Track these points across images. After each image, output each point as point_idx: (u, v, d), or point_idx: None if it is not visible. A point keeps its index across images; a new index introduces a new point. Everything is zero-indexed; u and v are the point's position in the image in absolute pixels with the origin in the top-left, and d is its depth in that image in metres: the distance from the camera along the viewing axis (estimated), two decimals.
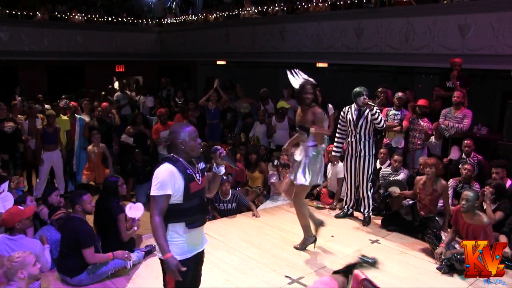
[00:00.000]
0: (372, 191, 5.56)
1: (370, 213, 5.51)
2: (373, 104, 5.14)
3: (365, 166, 5.33)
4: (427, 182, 5.01)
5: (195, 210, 2.82)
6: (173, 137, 2.80)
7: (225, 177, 5.94)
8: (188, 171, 2.76)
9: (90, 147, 7.35)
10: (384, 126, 5.33)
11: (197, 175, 2.82)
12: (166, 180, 2.66)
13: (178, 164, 2.73)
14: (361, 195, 5.48)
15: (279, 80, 11.47)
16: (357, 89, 5.30)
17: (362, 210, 5.55)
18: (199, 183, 2.82)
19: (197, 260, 2.96)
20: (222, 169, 3.00)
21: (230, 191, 5.93)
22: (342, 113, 5.42)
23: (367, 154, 5.30)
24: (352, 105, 5.35)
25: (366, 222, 5.44)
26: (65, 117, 7.60)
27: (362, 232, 5.25)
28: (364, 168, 5.34)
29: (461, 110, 5.99)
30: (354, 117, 5.28)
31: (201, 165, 2.91)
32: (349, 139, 5.41)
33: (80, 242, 3.88)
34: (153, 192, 2.67)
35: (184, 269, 2.63)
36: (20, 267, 2.88)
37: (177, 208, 2.73)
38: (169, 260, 2.61)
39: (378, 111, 5.17)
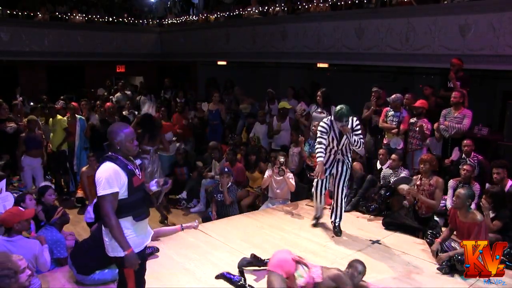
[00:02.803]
0: (346, 199, 5.42)
1: (340, 223, 5.21)
2: (349, 134, 4.78)
3: (343, 171, 5.04)
4: (423, 178, 5.11)
5: (140, 203, 2.95)
6: (111, 137, 2.89)
7: (226, 169, 6.09)
8: (128, 167, 2.88)
9: (84, 169, 7.07)
10: (361, 148, 5.06)
11: (136, 170, 2.95)
12: (112, 177, 2.76)
13: (118, 161, 2.84)
14: (334, 203, 5.17)
15: (279, 81, 11.48)
16: (339, 111, 4.75)
17: (333, 219, 5.18)
18: (140, 177, 2.96)
19: (145, 251, 3.11)
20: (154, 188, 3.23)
21: (230, 184, 6.01)
22: (325, 124, 4.92)
23: (345, 161, 5.06)
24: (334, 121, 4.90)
25: (338, 232, 5.11)
26: (60, 117, 7.59)
27: (363, 232, 5.25)
28: (342, 174, 5.05)
29: (461, 110, 5.98)
30: (338, 135, 4.88)
31: (138, 161, 3.06)
32: (327, 152, 4.99)
33: None
34: (101, 192, 2.74)
35: (139, 261, 2.87)
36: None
37: (123, 203, 2.83)
38: (131, 254, 2.79)
39: (355, 138, 4.82)
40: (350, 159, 5.12)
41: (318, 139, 4.94)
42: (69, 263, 3.99)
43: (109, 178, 2.75)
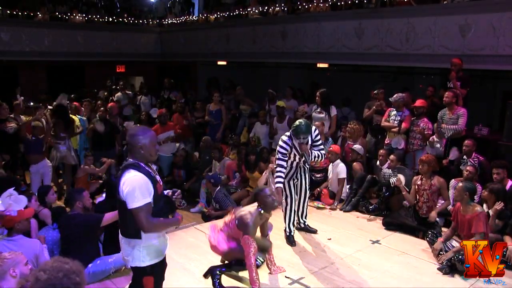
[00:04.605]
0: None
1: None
2: (307, 153, 4.57)
3: (306, 175, 4.96)
4: (424, 177, 5.14)
5: (163, 209, 2.88)
6: (133, 141, 2.74)
7: (213, 180, 6.21)
8: (151, 174, 2.76)
9: (83, 166, 7.13)
10: (322, 158, 4.89)
11: (157, 176, 2.85)
12: (143, 188, 2.65)
13: (141, 169, 2.71)
14: (300, 206, 5.09)
15: (279, 81, 11.48)
16: (297, 127, 4.51)
17: (304, 219, 5.21)
18: (161, 183, 2.86)
19: (165, 259, 3.02)
20: None
21: (216, 190, 6.14)
22: (284, 144, 4.61)
23: (305, 166, 4.97)
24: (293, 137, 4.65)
25: (313, 230, 5.21)
26: (74, 117, 7.64)
27: (363, 232, 5.25)
28: (306, 178, 4.97)
29: (455, 110, 5.97)
30: (299, 149, 4.66)
31: (154, 166, 2.99)
32: (288, 164, 4.76)
33: (94, 225, 4.04)
34: (136, 204, 2.61)
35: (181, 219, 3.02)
36: (12, 265, 2.80)
37: (151, 208, 2.74)
38: (178, 220, 2.94)
39: (315, 153, 4.67)
40: (308, 166, 4.98)
41: (278, 161, 4.61)
42: None
43: (141, 188, 2.63)
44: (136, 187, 2.62)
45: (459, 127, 5.92)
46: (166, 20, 13.90)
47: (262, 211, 3.72)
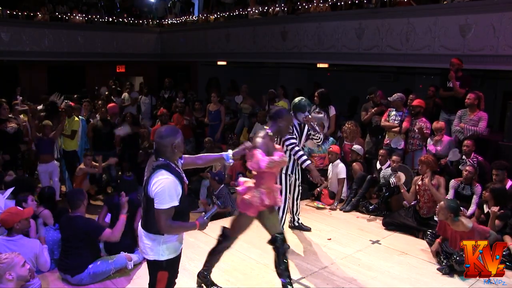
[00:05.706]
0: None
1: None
2: (314, 124, 4.70)
3: (300, 174, 5.00)
4: (424, 178, 5.14)
5: (186, 209, 2.91)
6: (166, 142, 2.76)
7: (217, 177, 6.26)
8: (180, 174, 2.79)
9: (81, 165, 7.14)
10: (321, 137, 4.94)
11: (183, 174, 2.86)
12: (172, 191, 2.67)
13: (173, 171, 2.72)
14: (295, 205, 5.14)
15: (279, 81, 11.48)
16: (300, 101, 4.74)
17: (297, 216, 5.25)
18: (187, 182, 2.87)
19: (181, 254, 3.07)
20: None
21: (220, 187, 6.17)
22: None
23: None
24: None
25: (307, 228, 5.25)
26: (76, 118, 7.63)
27: (363, 232, 5.25)
28: (299, 177, 5.00)
29: (476, 112, 5.92)
30: (299, 132, 4.76)
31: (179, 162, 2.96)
32: (287, 154, 4.62)
33: (92, 234, 4.03)
34: (163, 205, 2.65)
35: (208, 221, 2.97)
36: (8, 269, 2.81)
37: (174, 210, 2.75)
38: (201, 224, 2.89)
39: (318, 129, 4.78)
40: None
41: (290, 140, 4.54)
42: (62, 275, 4.03)
43: (171, 191, 2.65)
44: (166, 189, 2.64)
45: (480, 129, 5.86)
46: (166, 20, 13.89)
47: (271, 133, 3.63)
